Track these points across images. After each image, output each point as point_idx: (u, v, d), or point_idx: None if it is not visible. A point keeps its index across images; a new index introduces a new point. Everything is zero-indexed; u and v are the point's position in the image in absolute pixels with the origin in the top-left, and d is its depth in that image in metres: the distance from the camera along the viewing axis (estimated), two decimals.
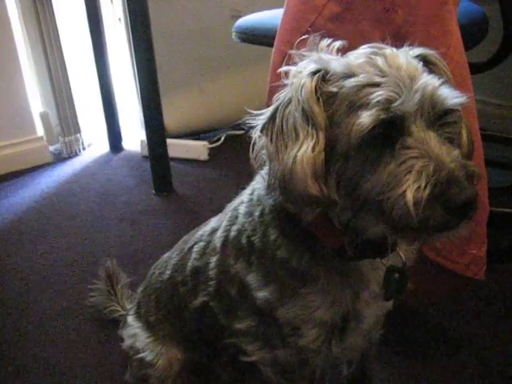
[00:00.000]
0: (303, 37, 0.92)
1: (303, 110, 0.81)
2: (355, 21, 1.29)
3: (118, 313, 1.57)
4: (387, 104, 0.76)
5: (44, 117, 3.10)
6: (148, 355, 1.26)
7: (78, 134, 3.14)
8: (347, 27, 1.29)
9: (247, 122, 0.89)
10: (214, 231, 1.12)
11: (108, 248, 2.15)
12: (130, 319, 1.36)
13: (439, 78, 0.82)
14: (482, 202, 1.39)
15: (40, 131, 3.08)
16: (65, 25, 3.04)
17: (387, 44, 0.87)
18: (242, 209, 1.04)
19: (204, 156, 2.95)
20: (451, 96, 0.81)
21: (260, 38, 1.78)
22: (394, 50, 0.85)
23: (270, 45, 1.51)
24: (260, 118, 0.88)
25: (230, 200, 1.13)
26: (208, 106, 3.20)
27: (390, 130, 0.77)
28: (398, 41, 0.93)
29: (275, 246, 0.95)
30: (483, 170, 1.38)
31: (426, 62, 0.87)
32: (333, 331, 0.99)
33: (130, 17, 2.32)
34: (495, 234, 1.56)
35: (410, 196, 0.74)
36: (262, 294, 0.99)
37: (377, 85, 0.78)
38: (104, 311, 1.61)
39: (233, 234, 1.04)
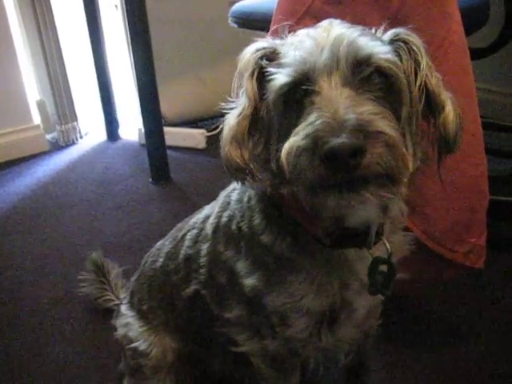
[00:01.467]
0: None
1: (243, 84, 0.84)
2: (353, 3, 1.26)
3: (112, 302, 1.55)
4: (297, 64, 0.77)
5: (41, 105, 3.08)
6: (141, 345, 1.24)
7: (75, 123, 3.12)
8: (345, 10, 1.26)
9: (223, 107, 0.90)
10: (206, 218, 1.11)
11: (105, 237, 2.14)
12: (123, 308, 1.34)
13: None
14: (482, 190, 1.37)
15: (37, 119, 3.05)
16: (61, 12, 3.01)
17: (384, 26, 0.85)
18: (234, 195, 1.02)
19: (202, 144, 2.93)
20: (366, 45, 0.78)
21: (256, 22, 1.75)
22: (336, 21, 0.83)
23: (266, 29, 1.48)
24: (234, 103, 0.89)
25: None
26: (206, 94, 3.16)
27: (303, 91, 0.77)
28: (397, 23, 0.90)
29: (260, 231, 0.94)
30: (484, 157, 1.36)
31: (402, 42, 0.84)
32: (322, 321, 0.97)
33: (126, 4, 2.29)
34: (496, 222, 1.54)
35: (286, 146, 0.74)
36: (249, 282, 0.97)
37: (297, 50, 0.79)
38: (97, 301, 1.59)
39: (224, 220, 1.03)
